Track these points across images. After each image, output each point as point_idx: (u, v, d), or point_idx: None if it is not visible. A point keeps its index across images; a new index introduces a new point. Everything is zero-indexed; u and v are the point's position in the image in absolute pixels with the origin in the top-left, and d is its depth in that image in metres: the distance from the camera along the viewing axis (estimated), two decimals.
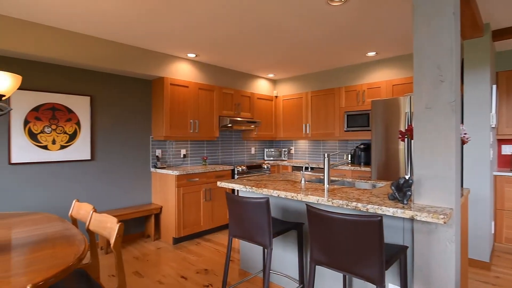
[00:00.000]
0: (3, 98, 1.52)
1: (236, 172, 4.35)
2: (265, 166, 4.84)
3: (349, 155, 4.66)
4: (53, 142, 3.24)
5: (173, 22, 2.94)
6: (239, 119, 4.59)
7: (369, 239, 1.39)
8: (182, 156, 4.42)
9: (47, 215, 2.10)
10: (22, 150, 3.04)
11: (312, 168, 4.62)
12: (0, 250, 1.43)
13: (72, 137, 3.37)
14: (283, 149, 5.52)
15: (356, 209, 1.81)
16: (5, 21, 2.74)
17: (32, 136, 3.10)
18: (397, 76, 4.08)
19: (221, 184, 2.72)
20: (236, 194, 3.02)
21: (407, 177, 1.76)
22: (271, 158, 5.54)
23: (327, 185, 2.45)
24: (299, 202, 2.47)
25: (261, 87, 5.33)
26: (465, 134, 2.10)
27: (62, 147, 3.30)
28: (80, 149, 3.43)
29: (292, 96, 5.26)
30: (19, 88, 3.08)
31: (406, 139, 2.54)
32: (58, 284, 1.67)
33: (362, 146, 4.40)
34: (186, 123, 4.12)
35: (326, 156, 2.50)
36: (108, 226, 1.72)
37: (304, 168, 2.68)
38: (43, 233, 1.70)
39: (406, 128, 3.26)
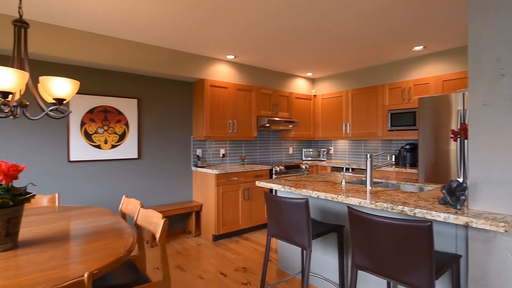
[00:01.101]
0: (64, 102, 1.68)
1: (274, 172, 4.35)
2: (303, 167, 4.77)
3: (393, 156, 4.42)
4: (105, 141, 3.50)
5: (218, 28, 3.02)
6: (277, 119, 4.59)
7: (418, 246, 1.30)
8: (221, 155, 4.53)
9: (100, 209, 2.27)
10: (79, 149, 3.33)
11: (352, 169, 4.46)
12: (62, 240, 1.58)
13: (122, 137, 3.62)
14: (322, 149, 5.41)
15: (402, 213, 1.71)
16: (65, 33, 3.02)
17: (88, 136, 3.39)
18: (447, 71, 3.78)
19: (259, 183, 2.74)
20: (274, 194, 3.02)
21: (460, 180, 1.63)
22: (309, 158, 5.45)
23: (370, 187, 2.35)
24: (340, 204, 2.40)
25: (299, 86, 5.27)
26: None
27: (113, 146, 3.56)
28: (129, 149, 3.67)
29: (332, 95, 5.12)
30: (77, 93, 3.38)
31: (459, 139, 2.34)
32: (110, 273, 1.80)
33: (407, 147, 4.15)
34: (225, 123, 4.22)
35: (368, 156, 2.40)
36: (154, 221, 1.82)
37: (344, 169, 2.60)
38: (97, 225, 1.85)
39: (459, 127, 3.01)
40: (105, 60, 3.26)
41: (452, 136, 2.16)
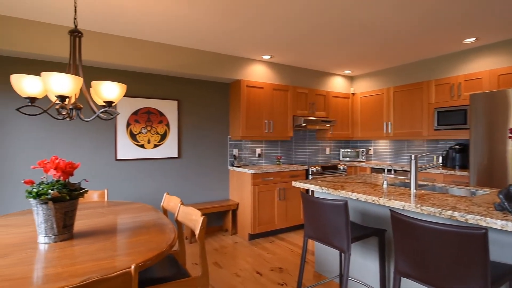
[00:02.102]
0: (113, 104, 1.79)
1: (310, 173, 4.28)
2: (341, 167, 4.64)
3: (440, 157, 4.12)
4: (148, 141, 3.70)
5: (255, 29, 3.05)
6: (313, 118, 4.50)
7: (471, 255, 1.20)
8: (257, 155, 4.56)
9: (144, 205, 2.40)
10: (125, 148, 3.56)
11: (395, 171, 4.24)
12: (110, 233, 1.70)
13: (163, 137, 3.80)
14: (361, 150, 5.21)
15: (451, 218, 1.58)
16: (112, 40, 3.24)
17: (133, 136, 3.60)
18: (503, 65, 3.44)
19: (296, 184, 2.71)
20: (310, 194, 2.96)
21: None
22: (347, 159, 5.28)
23: (414, 190, 2.21)
24: (381, 207, 2.29)
25: (337, 84, 5.13)
26: None
27: (155, 146, 3.74)
28: (169, 148, 3.84)
29: (371, 93, 4.92)
30: (123, 96, 3.61)
31: None
32: (153, 266, 1.89)
33: (457, 147, 3.85)
34: (261, 123, 4.23)
35: (412, 157, 2.26)
36: (193, 218, 1.88)
37: (386, 170, 2.47)
38: (141, 220, 1.95)
39: None
40: (148, 64, 3.44)
41: (510, 135, 1.96)
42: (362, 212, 2.45)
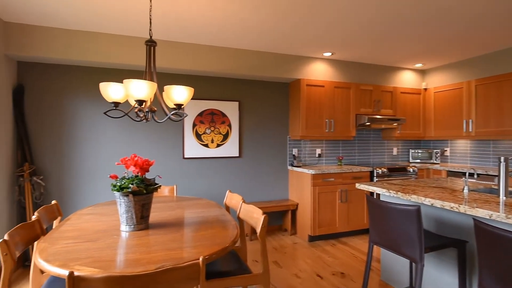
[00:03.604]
0: (182, 107, 1.93)
1: (375, 175, 4.02)
2: (411, 170, 4.26)
3: None
4: (212, 141, 3.90)
5: (315, 26, 2.99)
6: (378, 116, 4.22)
7: None
8: (317, 155, 4.45)
9: (209, 201, 2.54)
10: (191, 147, 3.81)
11: (478, 175, 3.73)
12: (179, 225, 1.83)
13: (225, 137, 3.97)
14: (435, 151, 4.71)
15: None
16: (179, 47, 3.49)
17: (198, 136, 3.84)
18: None
19: (360, 186, 2.57)
20: (375, 198, 2.79)
21: None
22: (418, 161, 4.83)
23: (504, 197, 1.92)
24: (461, 215, 2.04)
25: (406, 79, 4.72)
26: None
27: (218, 145, 3.93)
28: (231, 147, 3.99)
29: (448, 87, 4.41)
30: (191, 98, 3.86)
31: None
32: (216, 260, 1.99)
33: None
34: (322, 122, 4.13)
35: (502, 160, 1.96)
36: (255, 216, 1.92)
37: (467, 174, 2.18)
38: (206, 216, 2.07)
39: None
40: (212, 68, 3.63)
41: None
42: (437, 220, 2.21)
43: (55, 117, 3.30)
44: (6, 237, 1.37)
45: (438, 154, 4.68)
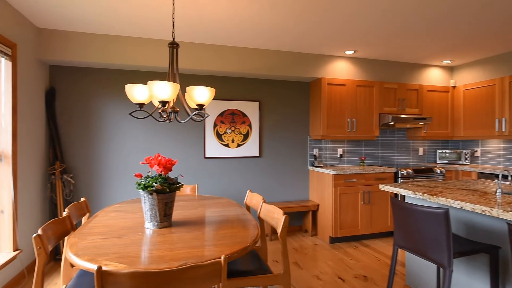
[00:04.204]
0: (204, 107, 1.96)
1: (399, 176, 3.89)
2: (438, 171, 4.09)
3: None
4: (232, 141, 3.93)
5: (337, 24, 2.94)
6: (403, 116, 4.09)
7: None
8: (338, 155, 4.38)
9: (229, 200, 2.56)
10: (212, 147, 3.86)
11: None
12: (200, 224, 1.86)
13: (245, 137, 3.98)
14: (464, 151, 4.49)
15: None
16: (200, 48, 3.54)
17: (219, 136, 3.88)
18: None
19: (384, 187, 2.50)
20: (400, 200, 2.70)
21: None
22: (446, 162, 4.62)
23: None
24: (494, 219, 1.93)
25: (433, 77, 4.54)
26: None
27: (239, 145, 3.95)
28: (251, 147, 4.01)
29: (478, 85, 4.19)
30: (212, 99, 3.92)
31: None
32: (237, 259, 2.00)
33: None
34: (343, 122, 4.05)
35: None
36: (275, 216, 1.92)
37: (500, 175, 2.06)
38: (226, 215, 2.08)
39: None
40: (232, 68, 3.66)
41: None
42: (467, 224, 2.11)
43: (83, 117, 3.45)
44: (39, 231, 1.45)
45: (468, 155, 4.46)
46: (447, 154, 4.62)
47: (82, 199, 2.26)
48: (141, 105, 1.98)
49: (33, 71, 2.98)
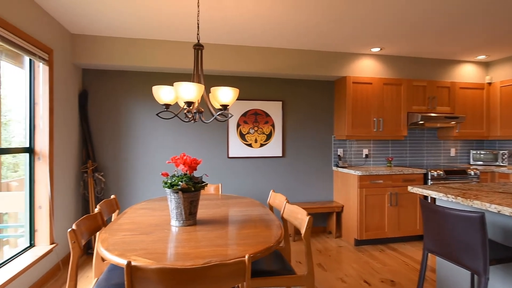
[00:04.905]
0: (227, 107, 1.98)
1: (429, 177, 3.72)
2: (472, 173, 3.87)
3: None
4: (255, 141, 3.94)
5: (362, 21, 2.87)
6: (433, 114, 3.91)
7: None
8: (364, 156, 4.26)
9: (252, 200, 2.56)
10: (235, 147, 3.89)
11: None
12: (224, 223, 1.88)
13: (268, 136, 3.98)
14: (501, 152, 4.22)
15: None
16: (222, 49, 3.58)
17: (242, 136, 3.90)
18: None
19: (413, 189, 2.40)
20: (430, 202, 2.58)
21: None
22: (480, 163, 4.37)
23: None
24: None
25: (466, 73, 4.30)
26: None
27: (262, 145, 3.96)
28: (274, 147, 4.00)
29: None
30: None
31: None
32: (261, 259, 2.00)
33: None
34: (369, 121, 3.94)
35: None
36: (299, 217, 1.90)
37: None
38: (250, 214, 2.09)
39: None
40: (256, 68, 3.67)
41: None
42: (505, 229, 1.98)
43: (113, 118, 3.60)
44: (74, 226, 1.53)
45: (505, 156, 4.19)
46: (482, 155, 4.36)
47: (112, 196, 2.36)
48: (167, 105, 2.04)
49: (68, 74, 3.16)
